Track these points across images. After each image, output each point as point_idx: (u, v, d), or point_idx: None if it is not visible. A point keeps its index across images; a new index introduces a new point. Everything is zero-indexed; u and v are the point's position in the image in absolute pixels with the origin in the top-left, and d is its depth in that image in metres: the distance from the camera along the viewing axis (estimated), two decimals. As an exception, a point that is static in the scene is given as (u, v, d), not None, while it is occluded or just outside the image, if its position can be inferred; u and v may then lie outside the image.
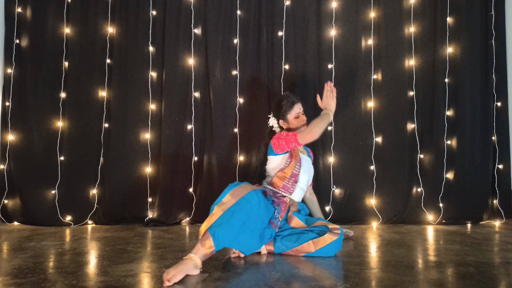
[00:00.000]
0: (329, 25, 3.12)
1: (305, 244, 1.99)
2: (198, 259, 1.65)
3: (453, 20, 3.12)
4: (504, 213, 3.03)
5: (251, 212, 1.82)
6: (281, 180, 2.30)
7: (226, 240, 1.73)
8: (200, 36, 3.10)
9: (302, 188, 2.36)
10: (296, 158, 2.34)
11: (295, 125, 2.42)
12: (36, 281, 1.55)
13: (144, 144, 3.03)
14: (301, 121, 2.42)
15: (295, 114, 2.42)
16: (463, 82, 3.07)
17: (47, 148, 2.95)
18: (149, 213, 2.97)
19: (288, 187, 2.30)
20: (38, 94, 2.98)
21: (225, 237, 1.71)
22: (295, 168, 2.31)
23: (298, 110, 2.42)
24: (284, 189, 2.30)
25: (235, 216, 1.76)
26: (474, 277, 1.63)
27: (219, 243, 1.70)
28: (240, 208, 1.79)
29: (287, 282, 1.58)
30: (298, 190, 2.33)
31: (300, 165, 2.34)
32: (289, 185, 2.30)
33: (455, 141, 3.08)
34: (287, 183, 2.30)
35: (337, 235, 1.99)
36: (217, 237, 1.69)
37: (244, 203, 1.81)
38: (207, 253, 1.68)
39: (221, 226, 1.72)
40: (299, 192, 2.34)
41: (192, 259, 1.64)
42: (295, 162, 2.32)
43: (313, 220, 2.25)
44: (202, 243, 1.68)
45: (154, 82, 3.08)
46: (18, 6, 3.01)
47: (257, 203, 1.85)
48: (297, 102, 2.44)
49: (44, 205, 2.89)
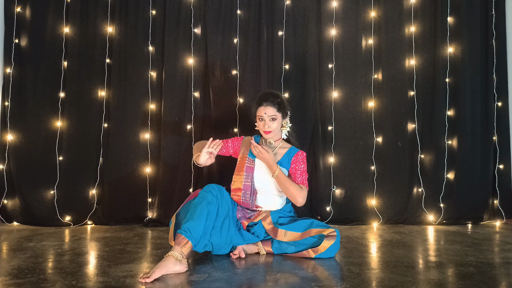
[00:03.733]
0: (329, 24, 3.12)
1: (304, 252, 2.00)
2: (178, 254, 1.70)
3: (454, 20, 3.12)
4: (505, 213, 3.03)
5: (212, 201, 1.89)
6: (238, 197, 2.14)
7: (198, 231, 1.78)
8: (200, 36, 3.09)
9: (268, 198, 2.15)
10: (241, 170, 2.17)
11: (259, 128, 2.21)
12: (36, 281, 1.54)
13: (143, 144, 3.03)
14: (262, 125, 2.15)
15: (258, 116, 2.18)
16: (464, 82, 3.07)
17: (46, 148, 2.95)
18: (148, 214, 2.97)
19: (247, 203, 2.12)
20: (37, 94, 2.97)
21: (195, 228, 1.77)
22: (245, 180, 2.13)
23: (262, 114, 2.14)
24: (245, 205, 2.14)
25: (198, 207, 1.84)
26: (474, 277, 1.62)
27: (193, 236, 1.75)
28: (201, 199, 1.87)
29: (287, 282, 1.57)
30: (264, 201, 2.14)
31: (253, 175, 2.15)
32: (247, 199, 2.11)
33: (456, 141, 3.07)
34: (244, 199, 2.12)
35: (334, 238, 1.97)
36: (188, 230, 1.76)
37: (203, 194, 1.91)
38: (184, 250, 1.73)
39: (187, 220, 1.80)
40: (267, 202, 2.15)
41: (172, 255, 1.69)
42: (242, 174, 2.15)
43: (306, 223, 2.07)
44: (177, 243, 1.74)
45: (154, 82, 3.07)
46: (18, 5, 3.00)
47: (218, 192, 1.94)
48: (264, 105, 2.15)
49: (43, 205, 2.88)
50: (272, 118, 2.14)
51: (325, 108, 3.09)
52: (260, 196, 2.15)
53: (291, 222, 2.12)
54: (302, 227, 2.06)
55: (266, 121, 2.14)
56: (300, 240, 2.02)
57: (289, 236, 2.04)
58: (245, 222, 2.12)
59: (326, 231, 1.99)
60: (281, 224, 2.10)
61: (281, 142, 2.28)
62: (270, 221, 2.11)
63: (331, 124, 3.07)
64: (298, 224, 2.08)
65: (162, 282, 1.57)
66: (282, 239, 2.04)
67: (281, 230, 2.05)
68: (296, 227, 2.06)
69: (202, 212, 1.83)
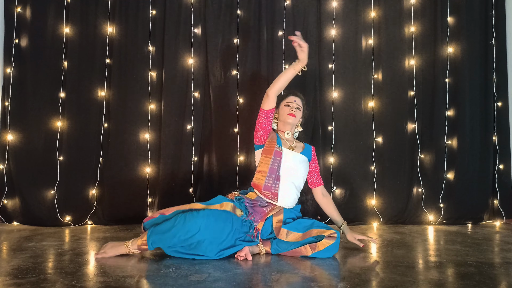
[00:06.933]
0: (329, 24, 3.12)
1: (301, 248, 1.98)
2: (131, 247, 1.95)
3: (453, 20, 3.12)
4: (505, 213, 3.03)
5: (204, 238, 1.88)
6: (261, 180, 2.17)
7: (159, 245, 1.92)
8: (200, 36, 3.09)
9: (288, 189, 2.18)
10: (270, 153, 2.20)
11: (282, 114, 2.32)
12: (36, 281, 1.54)
13: (143, 144, 3.03)
14: (289, 109, 2.30)
15: (286, 102, 2.35)
16: (464, 82, 3.07)
17: (46, 148, 2.94)
18: (148, 213, 2.97)
19: (270, 187, 2.15)
20: (37, 94, 2.97)
21: (158, 243, 1.92)
22: (272, 163, 2.17)
23: (291, 100, 2.34)
24: (266, 190, 2.15)
25: (172, 231, 1.89)
26: (474, 277, 1.62)
27: (151, 246, 1.92)
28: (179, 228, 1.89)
29: (287, 282, 1.57)
30: (284, 190, 2.16)
31: (280, 160, 2.19)
32: (270, 183, 2.15)
33: (456, 141, 3.07)
34: (267, 183, 2.15)
35: (334, 239, 1.96)
36: (151, 242, 1.91)
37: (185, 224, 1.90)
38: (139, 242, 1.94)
39: (157, 234, 1.91)
40: (286, 194, 2.17)
41: (127, 245, 1.95)
42: (270, 157, 2.19)
43: (307, 223, 2.09)
44: (141, 237, 1.95)
45: (154, 82, 3.07)
46: (18, 6, 3.00)
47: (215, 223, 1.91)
48: (294, 95, 2.38)
49: (43, 205, 2.88)
50: (298, 108, 2.34)
51: (325, 108, 3.09)
52: (282, 184, 2.17)
53: (292, 221, 2.13)
54: (303, 227, 2.05)
55: (293, 107, 2.31)
56: (301, 241, 2.02)
57: (291, 236, 2.03)
58: (260, 223, 2.09)
59: (327, 232, 1.98)
60: (286, 223, 2.11)
61: (295, 139, 2.41)
62: (281, 219, 2.12)
63: (331, 124, 3.07)
64: (299, 224, 2.08)
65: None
66: (283, 238, 2.04)
67: (283, 230, 2.06)
68: (297, 227, 2.06)
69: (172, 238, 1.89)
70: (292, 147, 2.31)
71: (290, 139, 2.34)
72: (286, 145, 2.29)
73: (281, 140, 2.30)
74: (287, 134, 2.32)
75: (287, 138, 2.33)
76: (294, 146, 2.32)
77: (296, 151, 2.29)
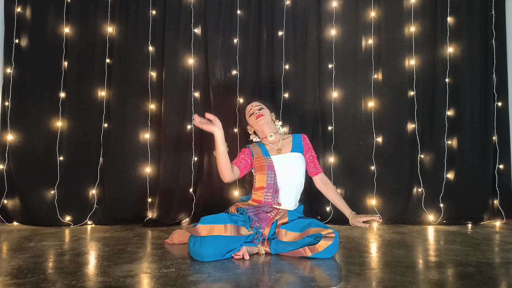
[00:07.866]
0: (329, 24, 3.12)
1: (300, 249, 1.97)
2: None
3: (453, 20, 3.12)
4: (505, 213, 3.03)
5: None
6: (260, 196, 2.20)
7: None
8: (200, 36, 3.09)
9: (289, 194, 2.21)
10: (263, 169, 2.22)
11: (254, 124, 2.36)
12: (36, 281, 1.54)
13: (143, 144, 3.03)
14: (254, 116, 2.34)
15: (248, 114, 2.40)
16: (463, 82, 3.07)
17: (46, 148, 2.95)
18: (148, 214, 2.97)
19: (270, 202, 2.18)
20: (37, 94, 2.97)
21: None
22: (268, 179, 2.19)
23: (249, 108, 2.39)
24: (267, 204, 2.18)
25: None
26: (474, 277, 1.62)
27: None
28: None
29: (287, 282, 1.57)
30: (285, 196, 2.20)
31: (275, 173, 2.20)
32: (270, 198, 2.18)
33: (456, 141, 3.07)
34: (266, 198, 2.18)
35: (332, 239, 1.94)
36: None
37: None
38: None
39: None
40: (288, 197, 2.21)
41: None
42: (264, 172, 2.21)
43: (305, 222, 2.08)
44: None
45: (154, 82, 3.07)
46: (18, 5, 3.00)
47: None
48: (248, 103, 2.44)
49: (43, 205, 2.88)
50: (259, 107, 2.36)
51: (325, 108, 3.09)
52: (282, 193, 2.21)
53: (291, 221, 2.13)
54: (301, 227, 2.05)
55: (255, 111, 2.34)
56: (299, 240, 2.01)
57: (289, 236, 2.03)
58: (266, 229, 2.07)
59: (325, 231, 1.96)
60: (284, 224, 2.11)
61: (280, 135, 2.39)
62: (285, 221, 2.12)
63: (331, 124, 3.07)
64: (297, 224, 2.08)
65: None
66: (282, 238, 2.04)
67: (282, 230, 2.06)
68: (295, 227, 2.05)
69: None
70: (280, 149, 2.29)
71: (275, 139, 2.34)
72: (273, 150, 2.29)
73: (266, 148, 2.30)
74: (270, 136, 2.32)
75: (272, 140, 2.33)
76: (281, 146, 2.30)
77: (286, 151, 2.29)
